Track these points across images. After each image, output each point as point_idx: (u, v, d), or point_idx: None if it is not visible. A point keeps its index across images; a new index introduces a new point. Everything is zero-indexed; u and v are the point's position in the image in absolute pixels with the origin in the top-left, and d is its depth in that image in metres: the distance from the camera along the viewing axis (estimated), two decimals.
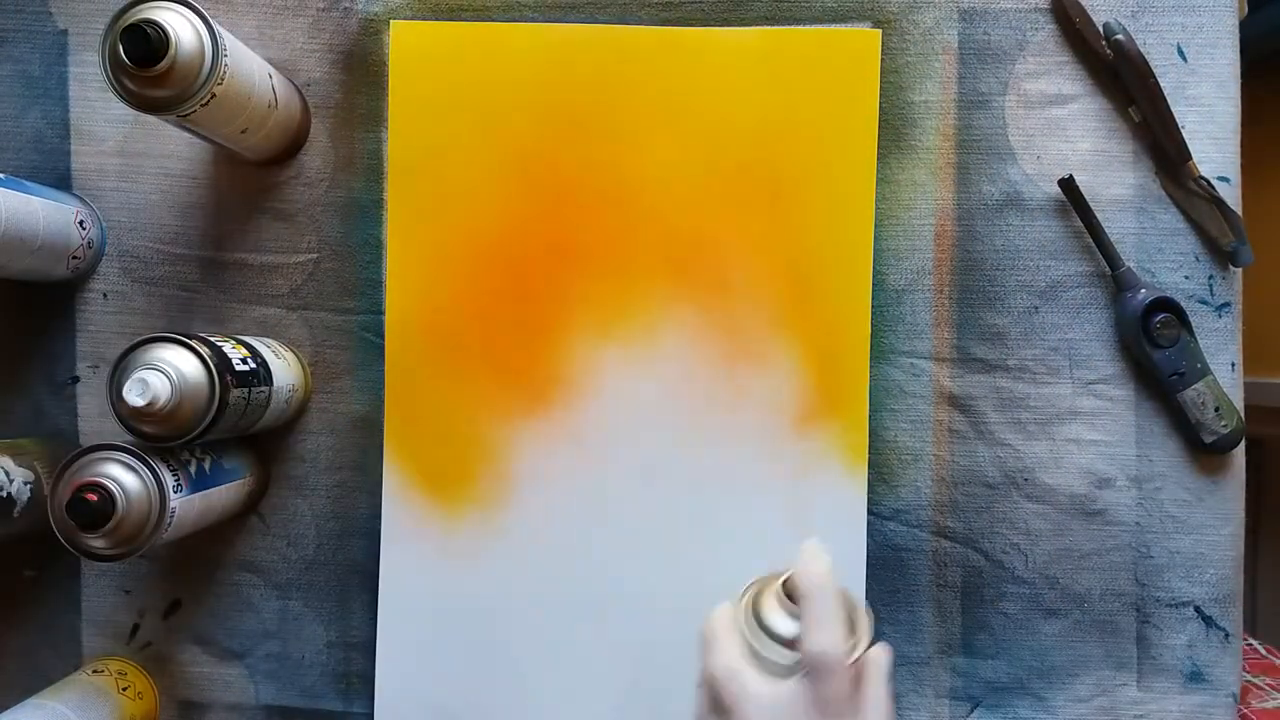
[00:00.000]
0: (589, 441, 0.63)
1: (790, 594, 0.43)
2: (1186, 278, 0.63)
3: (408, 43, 0.63)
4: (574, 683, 0.63)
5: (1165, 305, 0.61)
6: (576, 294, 0.63)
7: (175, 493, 0.53)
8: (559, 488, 0.63)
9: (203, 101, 0.52)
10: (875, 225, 0.63)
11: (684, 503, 0.63)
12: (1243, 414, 0.62)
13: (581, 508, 0.63)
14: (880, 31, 0.63)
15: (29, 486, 0.58)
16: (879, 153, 0.63)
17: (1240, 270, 0.63)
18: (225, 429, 0.55)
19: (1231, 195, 0.62)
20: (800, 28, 0.63)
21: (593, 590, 0.63)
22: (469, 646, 0.63)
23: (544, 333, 0.63)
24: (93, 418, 0.65)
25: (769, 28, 0.63)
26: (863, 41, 0.63)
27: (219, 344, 0.55)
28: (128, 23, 0.50)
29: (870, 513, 0.63)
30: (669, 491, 0.63)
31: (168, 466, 0.54)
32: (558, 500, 0.63)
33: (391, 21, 0.64)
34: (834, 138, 0.63)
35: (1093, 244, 0.62)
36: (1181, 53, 0.63)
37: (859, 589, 0.62)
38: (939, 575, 0.64)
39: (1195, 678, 0.63)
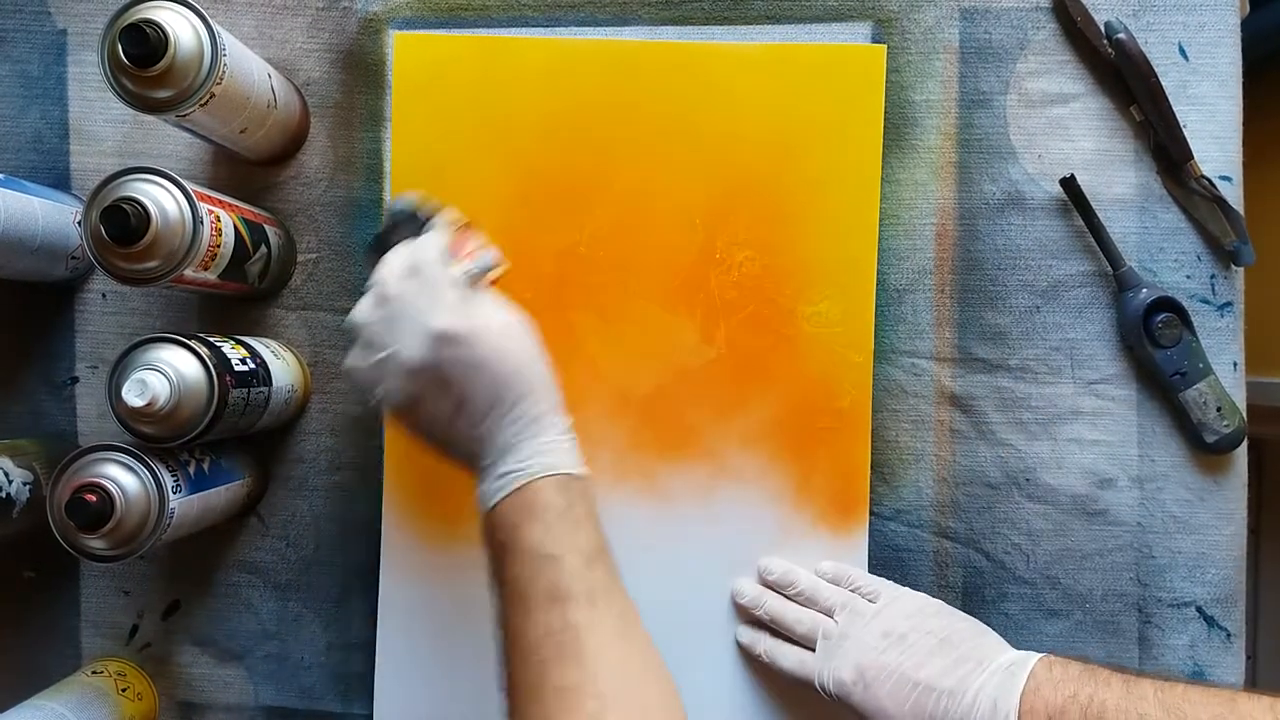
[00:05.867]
0: (588, 445, 0.63)
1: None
2: (1188, 277, 0.63)
3: (411, 55, 0.63)
4: None
5: (1167, 305, 0.61)
6: (579, 304, 0.63)
7: (174, 493, 0.53)
8: None
9: (202, 101, 0.52)
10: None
11: (687, 506, 0.63)
12: (1245, 414, 0.62)
13: None
14: (885, 47, 0.63)
15: (28, 487, 0.58)
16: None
17: (1242, 269, 0.63)
18: (224, 429, 0.55)
19: (1233, 194, 0.62)
20: (805, 43, 0.63)
21: None
22: (468, 649, 0.63)
23: (547, 342, 0.63)
24: (92, 418, 0.65)
25: (774, 43, 0.63)
26: (868, 56, 0.62)
27: (218, 344, 0.55)
28: (127, 22, 0.49)
29: (872, 513, 0.63)
30: (671, 493, 0.63)
31: (167, 467, 0.53)
32: None
33: (394, 34, 0.63)
34: (839, 152, 0.62)
35: (1094, 243, 0.62)
36: (1183, 51, 0.62)
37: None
38: (940, 576, 0.63)
39: (1197, 678, 0.63)
